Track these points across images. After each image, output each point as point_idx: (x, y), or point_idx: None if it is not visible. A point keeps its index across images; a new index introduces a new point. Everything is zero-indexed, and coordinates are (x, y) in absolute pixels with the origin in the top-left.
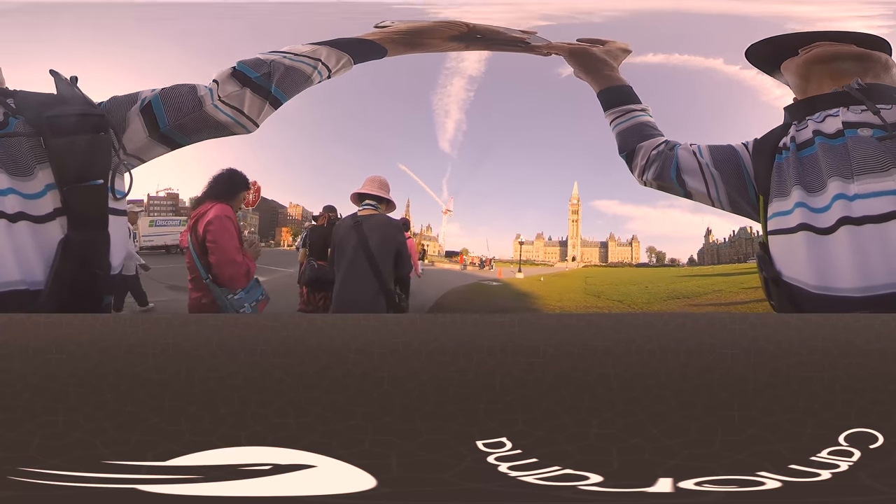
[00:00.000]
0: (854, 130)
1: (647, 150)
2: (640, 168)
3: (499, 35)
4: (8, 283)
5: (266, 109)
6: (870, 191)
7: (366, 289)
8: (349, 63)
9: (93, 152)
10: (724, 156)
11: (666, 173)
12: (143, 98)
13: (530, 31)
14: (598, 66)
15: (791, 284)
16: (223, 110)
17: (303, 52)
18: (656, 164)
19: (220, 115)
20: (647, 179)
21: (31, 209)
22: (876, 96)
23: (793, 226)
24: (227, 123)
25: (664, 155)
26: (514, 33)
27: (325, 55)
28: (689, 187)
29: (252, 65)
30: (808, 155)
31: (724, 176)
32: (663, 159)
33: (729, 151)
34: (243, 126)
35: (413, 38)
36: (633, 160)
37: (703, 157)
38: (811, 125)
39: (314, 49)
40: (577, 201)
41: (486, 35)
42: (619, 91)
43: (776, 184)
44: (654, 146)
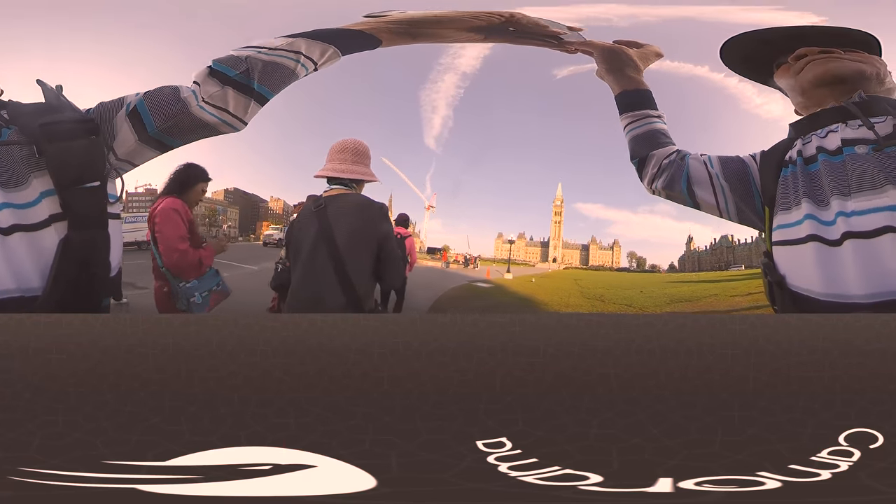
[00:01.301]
0: (852, 148)
1: (660, 158)
2: (651, 176)
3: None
4: (3, 290)
5: (252, 107)
6: (864, 208)
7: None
8: (336, 55)
9: (89, 155)
10: (734, 167)
11: (676, 184)
12: (128, 103)
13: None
14: (623, 67)
15: (798, 293)
16: (209, 111)
17: (278, 46)
18: (667, 174)
19: (207, 116)
20: (656, 188)
21: (24, 219)
22: (870, 109)
23: (802, 237)
24: (215, 124)
25: (675, 165)
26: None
27: (306, 47)
28: (699, 198)
29: (228, 63)
30: (814, 170)
31: (733, 187)
32: (674, 169)
33: (738, 163)
34: (231, 125)
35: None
36: (644, 167)
37: (713, 167)
38: (815, 141)
39: (290, 42)
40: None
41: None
42: (638, 95)
43: (781, 196)
44: (666, 155)
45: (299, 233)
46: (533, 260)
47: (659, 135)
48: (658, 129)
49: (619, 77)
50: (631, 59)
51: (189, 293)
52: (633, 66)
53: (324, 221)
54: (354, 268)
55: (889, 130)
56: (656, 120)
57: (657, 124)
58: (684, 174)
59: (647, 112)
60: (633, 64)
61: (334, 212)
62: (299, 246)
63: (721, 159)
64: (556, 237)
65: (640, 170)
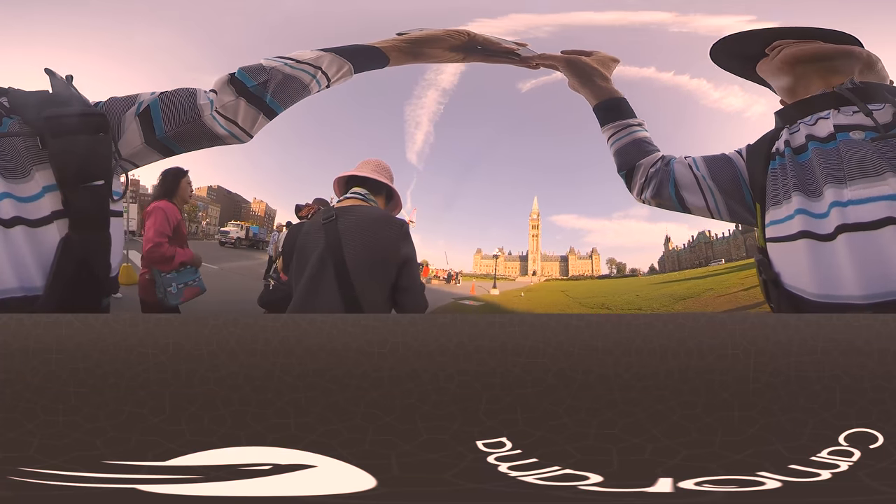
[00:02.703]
0: (846, 134)
1: (646, 167)
2: (640, 187)
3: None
4: (5, 290)
5: (261, 120)
6: (863, 196)
7: None
8: (349, 72)
9: (95, 153)
10: (720, 166)
11: (664, 191)
12: (140, 102)
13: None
14: (593, 78)
15: (791, 292)
16: (220, 122)
17: (306, 59)
18: (654, 182)
19: (218, 127)
20: (645, 198)
21: (27, 213)
22: (867, 96)
23: (793, 233)
24: (223, 136)
25: (661, 172)
26: (506, 44)
27: (328, 63)
28: (688, 203)
29: (252, 72)
30: (804, 160)
31: (721, 186)
32: (660, 176)
33: (724, 161)
34: (237, 138)
35: (416, 48)
36: (632, 178)
37: (699, 169)
38: (803, 129)
39: (318, 56)
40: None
41: (483, 45)
42: (614, 104)
43: (771, 191)
44: (651, 163)
45: (304, 246)
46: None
47: (643, 143)
48: (641, 137)
49: (589, 88)
50: (593, 69)
51: (167, 283)
52: (598, 74)
53: (332, 236)
54: (365, 293)
55: (889, 119)
56: (637, 128)
57: (639, 133)
58: (671, 180)
59: (627, 122)
60: (597, 72)
61: (346, 226)
62: (303, 261)
63: (706, 160)
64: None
65: (628, 181)
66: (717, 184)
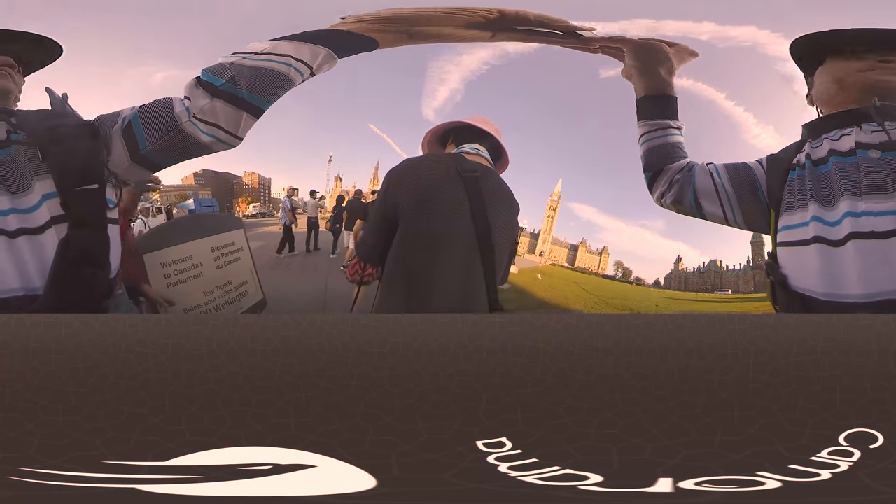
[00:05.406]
0: (865, 151)
1: (672, 173)
2: (661, 192)
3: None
4: (7, 290)
5: (245, 119)
6: (876, 209)
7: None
8: (331, 57)
9: (89, 157)
10: (740, 174)
11: (684, 197)
12: (123, 117)
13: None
14: (658, 66)
15: (798, 292)
16: (201, 128)
17: (263, 50)
18: (675, 188)
19: (200, 134)
20: (665, 202)
21: (28, 222)
22: (889, 116)
23: (807, 238)
24: (208, 143)
25: (683, 177)
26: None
27: (294, 50)
28: (706, 210)
29: (215, 72)
30: (823, 172)
31: (739, 193)
32: (682, 182)
33: (744, 169)
34: (225, 143)
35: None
36: (656, 181)
37: (719, 176)
38: (826, 144)
39: (274, 45)
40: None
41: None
42: (663, 102)
43: (787, 198)
44: (678, 170)
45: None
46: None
47: (675, 148)
48: (674, 142)
49: (649, 78)
50: (668, 57)
51: None
52: (668, 66)
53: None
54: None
55: None
56: (675, 132)
57: (675, 137)
58: (691, 186)
59: (667, 122)
60: (669, 64)
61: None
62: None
63: (728, 167)
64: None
65: (651, 183)
66: (736, 190)
